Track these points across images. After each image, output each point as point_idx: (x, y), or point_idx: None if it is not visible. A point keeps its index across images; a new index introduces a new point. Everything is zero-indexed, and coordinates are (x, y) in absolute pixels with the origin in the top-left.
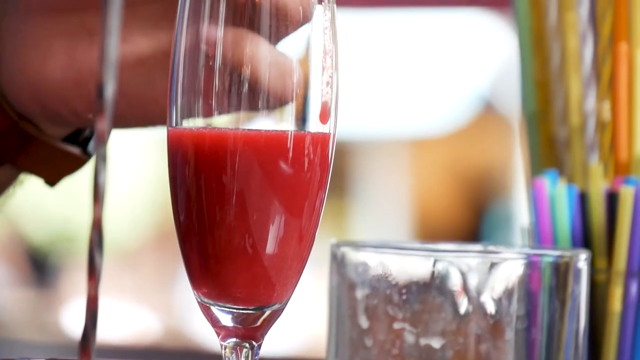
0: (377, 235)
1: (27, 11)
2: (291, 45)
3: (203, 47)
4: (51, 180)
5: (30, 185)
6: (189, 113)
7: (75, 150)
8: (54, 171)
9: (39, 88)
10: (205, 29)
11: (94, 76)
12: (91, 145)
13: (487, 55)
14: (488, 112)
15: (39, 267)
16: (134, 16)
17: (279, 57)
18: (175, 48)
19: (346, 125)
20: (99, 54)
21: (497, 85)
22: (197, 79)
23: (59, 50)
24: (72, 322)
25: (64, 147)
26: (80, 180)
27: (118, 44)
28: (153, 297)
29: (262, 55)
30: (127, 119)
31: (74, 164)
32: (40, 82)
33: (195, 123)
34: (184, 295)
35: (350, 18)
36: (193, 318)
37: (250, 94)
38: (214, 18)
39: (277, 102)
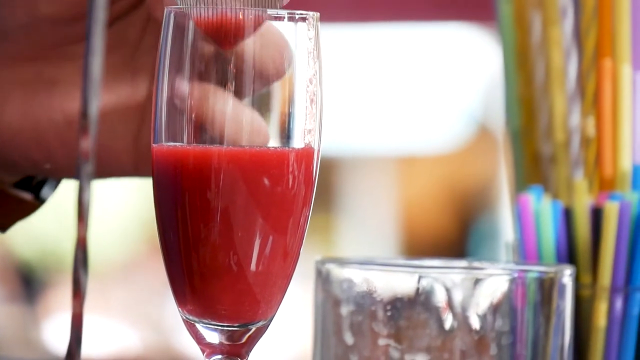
0: (363, 250)
1: None
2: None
3: (175, 100)
4: (2, 226)
5: None
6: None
7: (27, 196)
8: (5, 217)
9: None
10: (176, 81)
11: (52, 125)
12: (44, 191)
13: (474, 71)
14: (475, 128)
15: (26, 283)
16: None
17: (241, 113)
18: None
19: (333, 141)
20: (82, 73)
21: (484, 101)
22: (175, 124)
23: (17, 100)
24: (57, 338)
25: (16, 193)
26: (67, 196)
27: (102, 63)
28: (141, 312)
29: (224, 110)
30: None
31: (26, 210)
32: None
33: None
34: (172, 310)
35: (336, 33)
36: (180, 333)
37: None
38: (184, 71)
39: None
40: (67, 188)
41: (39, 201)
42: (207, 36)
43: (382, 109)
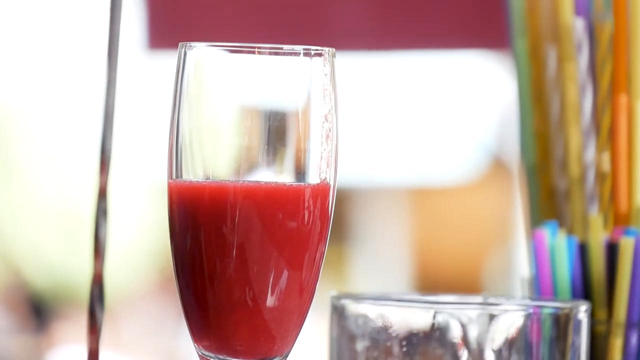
0: (376, 282)
1: None
2: (291, 98)
3: None
4: None
5: (31, 233)
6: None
7: None
8: None
9: None
10: None
11: None
12: None
13: (489, 101)
14: (489, 161)
15: (37, 313)
16: None
17: None
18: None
19: (346, 172)
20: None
21: (499, 132)
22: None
23: None
24: None
25: None
26: (79, 227)
27: (116, 101)
28: (153, 344)
29: None
30: None
31: None
32: None
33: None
34: (184, 342)
35: (349, 62)
36: None
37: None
38: None
39: None
40: (79, 217)
41: None
42: None
43: (396, 140)
